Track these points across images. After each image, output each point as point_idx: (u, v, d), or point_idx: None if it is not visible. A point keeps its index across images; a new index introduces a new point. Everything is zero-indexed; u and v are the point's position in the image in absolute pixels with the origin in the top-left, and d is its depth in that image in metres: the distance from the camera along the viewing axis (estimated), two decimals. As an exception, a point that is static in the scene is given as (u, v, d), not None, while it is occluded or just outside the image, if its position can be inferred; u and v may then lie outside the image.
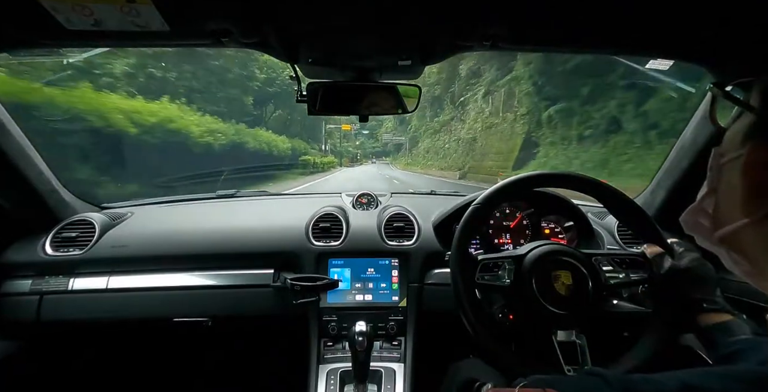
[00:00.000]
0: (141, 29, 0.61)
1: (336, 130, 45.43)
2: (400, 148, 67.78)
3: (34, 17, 0.57)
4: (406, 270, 1.16)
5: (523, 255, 0.81)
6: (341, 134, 50.42)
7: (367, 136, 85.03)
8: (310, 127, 28.65)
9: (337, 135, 50.23)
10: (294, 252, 1.17)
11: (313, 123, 29.25)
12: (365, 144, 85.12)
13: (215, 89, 14.95)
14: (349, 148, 63.28)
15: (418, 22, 0.66)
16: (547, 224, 1.23)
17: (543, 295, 0.76)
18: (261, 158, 14.54)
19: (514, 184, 0.86)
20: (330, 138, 41.60)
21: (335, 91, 0.91)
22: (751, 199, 0.31)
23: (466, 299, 0.77)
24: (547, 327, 0.78)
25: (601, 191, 0.86)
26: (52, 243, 1.15)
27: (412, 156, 50.55)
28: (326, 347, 1.11)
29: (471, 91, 23.91)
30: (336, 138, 50.60)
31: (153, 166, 8.53)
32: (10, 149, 1.02)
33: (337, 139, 50.95)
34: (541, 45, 0.77)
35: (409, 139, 55.98)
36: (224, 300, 1.14)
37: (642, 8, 0.58)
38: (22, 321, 1.10)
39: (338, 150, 48.25)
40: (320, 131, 35.32)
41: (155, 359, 1.51)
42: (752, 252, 0.33)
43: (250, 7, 0.59)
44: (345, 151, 55.41)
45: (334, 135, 47.15)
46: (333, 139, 45.83)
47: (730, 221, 0.34)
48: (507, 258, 0.82)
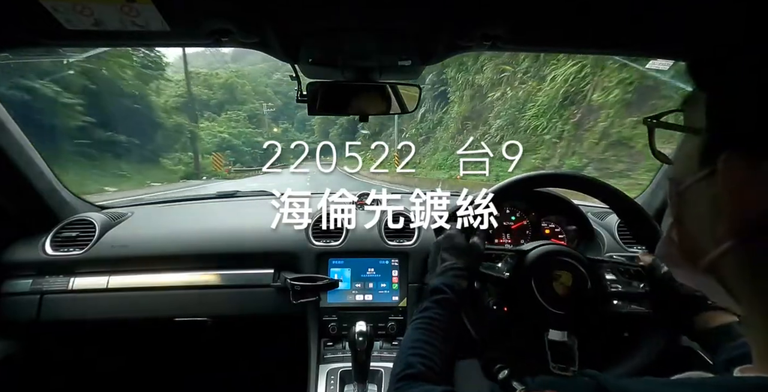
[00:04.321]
0: (141, 29, 0.61)
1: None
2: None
3: (34, 17, 0.57)
4: (406, 270, 1.16)
5: (527, 251, 0.82)
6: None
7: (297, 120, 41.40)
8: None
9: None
10: (294, 252, 1.17)
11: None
12: (291, 133, 38.95)
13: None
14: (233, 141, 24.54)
15: (418, 22, 0.67)
16: (548, 224, 1.23)
17: (541, 293, 0.76)
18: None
19: (516, 184, 0.86)
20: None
21: (335, 91, 0.91)
22: (737, 220, 0.29)
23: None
24: (541, 324, 0.78)
25: (602, 191, 0.86)
26: (52, 243, 1.15)
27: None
28: (326, 347, 1.11)
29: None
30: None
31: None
32: (9, 149, 1.02)
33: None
34: (541, 45, 0.77)
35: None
36: (224, 300, 1.14)
37: (642, 8, 0.58)
38: (22, 321, 1.10)
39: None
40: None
41: (155, 358, 1.51)
42: (741, 277, 0.30)
43: (250, 7, 0.59)
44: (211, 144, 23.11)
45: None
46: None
47: (707, 248, 0.31)
48: (510, 252, 0.83)
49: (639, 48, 0.77)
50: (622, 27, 0.66)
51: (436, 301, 0.67)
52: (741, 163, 0.28)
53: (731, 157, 0.28)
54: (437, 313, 0.65)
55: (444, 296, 0.68)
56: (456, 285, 0.70)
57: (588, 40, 0.73)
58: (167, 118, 16.68)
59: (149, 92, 15.70)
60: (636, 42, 0.72)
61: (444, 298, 0.68)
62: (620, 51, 0.79)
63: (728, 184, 0.28)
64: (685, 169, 0.34)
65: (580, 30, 0.68)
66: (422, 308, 0.67)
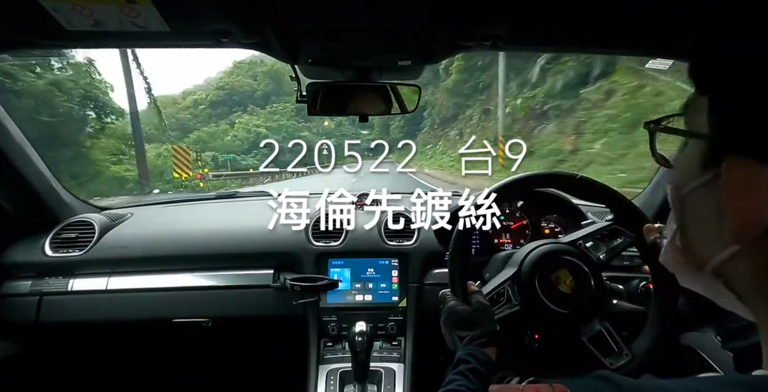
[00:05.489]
0: (141, 29, 0.61)
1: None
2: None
3: (34, 18, 0.57)
4: (406, 271, 1.16)
5: (518, 270, 0.80)
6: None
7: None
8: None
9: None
10: (294, 252, 1.17)
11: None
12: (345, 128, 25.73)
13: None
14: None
15: (418, 22, 0.67)
16: (547, 224, 1.23)
17: (552, 300, 0.75)
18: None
19: (517, 184, 0.86)
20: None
21: (335, 91, 0.91)
22: (742, 224, 0.28)
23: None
24: (570, 328, 0.78)
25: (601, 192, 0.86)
26: (52, 244, 1.15)
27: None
28: (326, 347, 1.11)
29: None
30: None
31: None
32: (9, 149, 1.02)
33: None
34: (541, 45, 0.78)
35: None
36: (224, 300, 1.14)
37: (642, 8, 0.58)
38: (21, 322, 1.10)
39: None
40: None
41: (155, 360, 1.50)
42: (749, 280, 0.30)
43: (250, 7, 0.59)
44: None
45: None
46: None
47: (712, 252, 0.31)
48: (505, 282, 0.81)
49: (639, 48, 0.77)
50: (622, 27, 0.66)
51: (460, 372, 0.64)
52: (745, 168, 0.27)
53: (735, 161, 0.28)
54: (461, 385, 0.62)
55: (468, 366, 0.65)
56: (480, 354, 0.67)
57: (588, 39, 0.73)
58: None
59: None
60: (636, 42, 0.72)
61: (468, 368, 0.65)
62: (620, 51, 0.79)
63: (733, 188, 0.28)
64: (686, 174, 0.33)
65: (580, 30, 0.68)
66: (447, 381, 0.64)
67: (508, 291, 0.80)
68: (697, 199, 0.33)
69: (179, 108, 35.24)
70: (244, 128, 23.43)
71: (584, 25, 0.66)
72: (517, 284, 0.80)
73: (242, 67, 29.38)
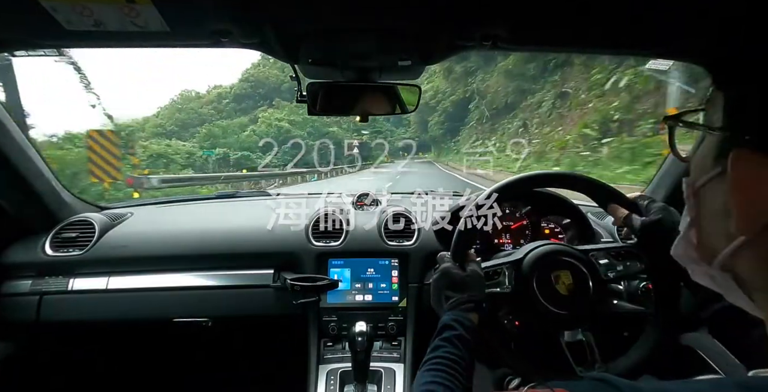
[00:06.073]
0: (141, 29, 0.61)
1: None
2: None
3: (34, 17, 0.57)
4: (406, 271, 1.16)
5: (521, 259, 0.81)
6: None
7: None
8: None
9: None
10: (294, 252, 1.17)
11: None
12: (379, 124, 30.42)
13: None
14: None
15: (418, 22, 0.67)
16: (547, 224, 1.23)
17: (545, 297, 0.75)
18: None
19: (517, 184, 0.86)
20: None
21: (335, 91, 0.91)
22: (748, 215, 0.29)
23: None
24: (553, 329, 0.78)
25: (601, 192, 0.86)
26: (52, 244, 1.15)
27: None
28: (326, 347, 1.11)
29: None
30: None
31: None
32: (9, 149, 1.02)
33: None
34: (541, 45, 0.77)
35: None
36: (224, 300, 1.14)
37: (642, 8, 0.58)
38: (21, 322, 1.10)
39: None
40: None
41: (155, 359, 1.51)
42: (755, 273, 0.30)
43: (250, 8, 0.59)
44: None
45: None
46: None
47: (721, 245, 0.32)
48: (505, 264, 0.81)
49: (639, 48, 0.77)
50: (622, 27, 0.66)
51: (446, 339, 0.64)
52: (751, 160, 0.28)
53: (742, 154, 0.28)
54: (448, 352, 0.62)
55: (454, 332, 0.65)
56: (465, 320, 0.67)
57: (588, 40, 0.73)
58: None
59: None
60: (636, 42, 0.72)
61: (454, 335, 0.64)
62: (620, 51, 0.79)
63: (739, 180, 0.29)
64: (700, 168, 0.34)
65: (581, 30, 0.68)
66: (432, 347, 0.64)
67: (505, 272, 0.81)
68: (709, 193, 0.33)
69: (202, 102, 33.61)
70: (265, 122, 21.68)
71: (584, 25, 0.66)
72: (515, 270, 0.80)
73: (268, 59, 28.64)
